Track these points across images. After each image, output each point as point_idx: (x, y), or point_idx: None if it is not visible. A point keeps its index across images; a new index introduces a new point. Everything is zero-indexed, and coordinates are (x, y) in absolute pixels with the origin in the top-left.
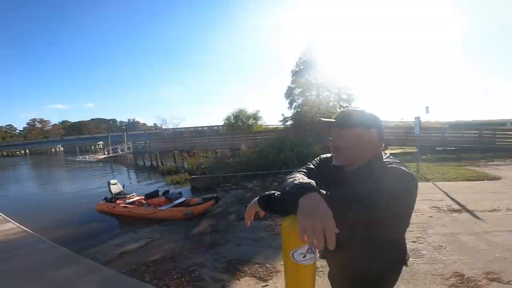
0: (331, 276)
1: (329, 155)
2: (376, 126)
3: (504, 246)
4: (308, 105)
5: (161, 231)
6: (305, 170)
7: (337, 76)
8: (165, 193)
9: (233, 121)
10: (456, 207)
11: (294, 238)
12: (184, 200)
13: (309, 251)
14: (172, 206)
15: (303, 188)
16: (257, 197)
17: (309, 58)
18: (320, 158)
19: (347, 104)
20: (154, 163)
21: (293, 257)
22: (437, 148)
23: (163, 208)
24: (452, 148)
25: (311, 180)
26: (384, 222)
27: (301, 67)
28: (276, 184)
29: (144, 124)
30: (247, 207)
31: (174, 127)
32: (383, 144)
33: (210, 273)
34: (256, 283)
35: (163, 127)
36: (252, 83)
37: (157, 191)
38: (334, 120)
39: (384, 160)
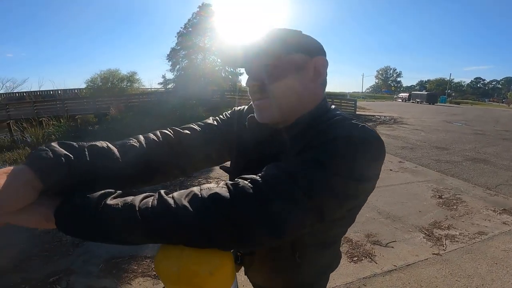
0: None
1: (245, 106)
2: (323, 53)
3: (368, 205)
4: (193, 68)
5: None
6: (194, 127)
7: (226, 42)
8: None
9: (101, 83)
10: None
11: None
12: None
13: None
14: None
15: None
16: (55, 206)
17: (200, 21)
18: (233, 111)
19: (232, 70)
20: None
21: None
22: None
23: None
24: None
25: None
26: (327, 223)
27: (189, 29)
28: None
29: None
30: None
31: (8, 91)
32: (326, 86)
33: (83, 280)
34: (155, 284)
35: None
36: (126, 43)
37: None
38: (255, 40)
39: (334, 112)
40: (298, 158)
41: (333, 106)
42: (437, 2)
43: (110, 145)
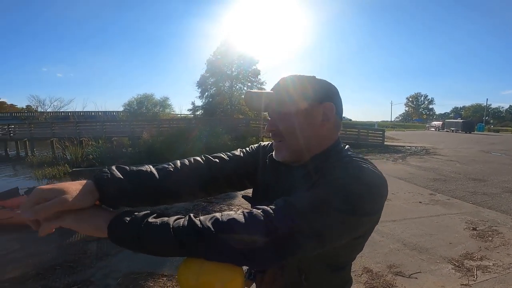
0: None
1: (270, 143)
2: (333, 99)
3: (393, 236)
4: (221, 96)
5: (23, 241)
6: (223, 156)
7: (252, 70)
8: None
9: (136, 107)
10: None
11: None
12: None
13: None
14: None
15: None
16: (108, 220)
17: (227, 49)
18: (259, 146)
19: None
20: (23, 153)
21: None
22: None
23: None
24: None
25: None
26: (332, 249)
27: (218, 57)
28: None
29: (12, 105)
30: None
31: (55, 110)
32: (340, 129)
33: None
34: None
35: (39, 109)
36: (160, 69)
37: (16, 188)
38: (270, 91)
39: (345, 153)
40: (305, 193)
41: (347, 147)
42: (467, 23)
43: (153, 169)
